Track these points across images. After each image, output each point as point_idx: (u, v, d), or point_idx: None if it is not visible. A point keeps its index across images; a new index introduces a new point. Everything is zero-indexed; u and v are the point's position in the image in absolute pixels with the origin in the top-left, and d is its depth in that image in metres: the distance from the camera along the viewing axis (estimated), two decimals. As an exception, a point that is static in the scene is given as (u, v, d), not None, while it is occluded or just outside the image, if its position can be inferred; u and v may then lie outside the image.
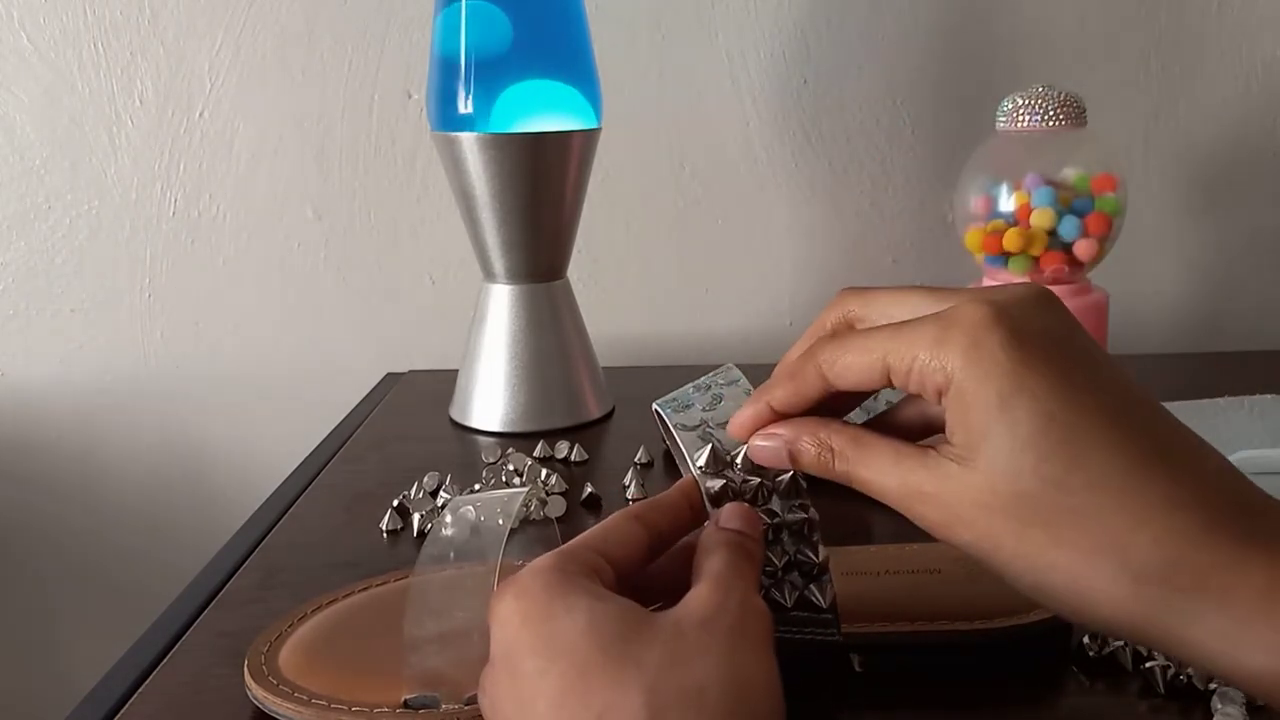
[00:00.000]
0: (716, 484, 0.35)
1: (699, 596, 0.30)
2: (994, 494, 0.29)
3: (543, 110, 0.65)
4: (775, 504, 0.36)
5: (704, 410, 0.38)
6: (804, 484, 0.36)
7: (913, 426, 0.35)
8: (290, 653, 0.40)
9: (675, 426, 0.37)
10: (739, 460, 0.36)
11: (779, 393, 0.34)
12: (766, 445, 0.35)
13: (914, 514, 0.31)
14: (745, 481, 0.35)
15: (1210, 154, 0.87)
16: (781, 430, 0.34)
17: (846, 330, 0.35)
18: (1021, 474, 0.28)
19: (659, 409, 0.39)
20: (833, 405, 0.35)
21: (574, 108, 0.66)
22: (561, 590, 0.30)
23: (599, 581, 0.31)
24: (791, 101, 0.86)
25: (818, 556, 0.36)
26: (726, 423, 0.37)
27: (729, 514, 0.35)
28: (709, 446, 0.36)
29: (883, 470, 0.32)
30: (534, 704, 0.28)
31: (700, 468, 0.36)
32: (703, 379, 0.40)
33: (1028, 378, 0.28)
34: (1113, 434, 0.28)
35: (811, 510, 0.36)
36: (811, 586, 0.36)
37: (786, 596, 0.35)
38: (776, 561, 0.35)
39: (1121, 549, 0.28)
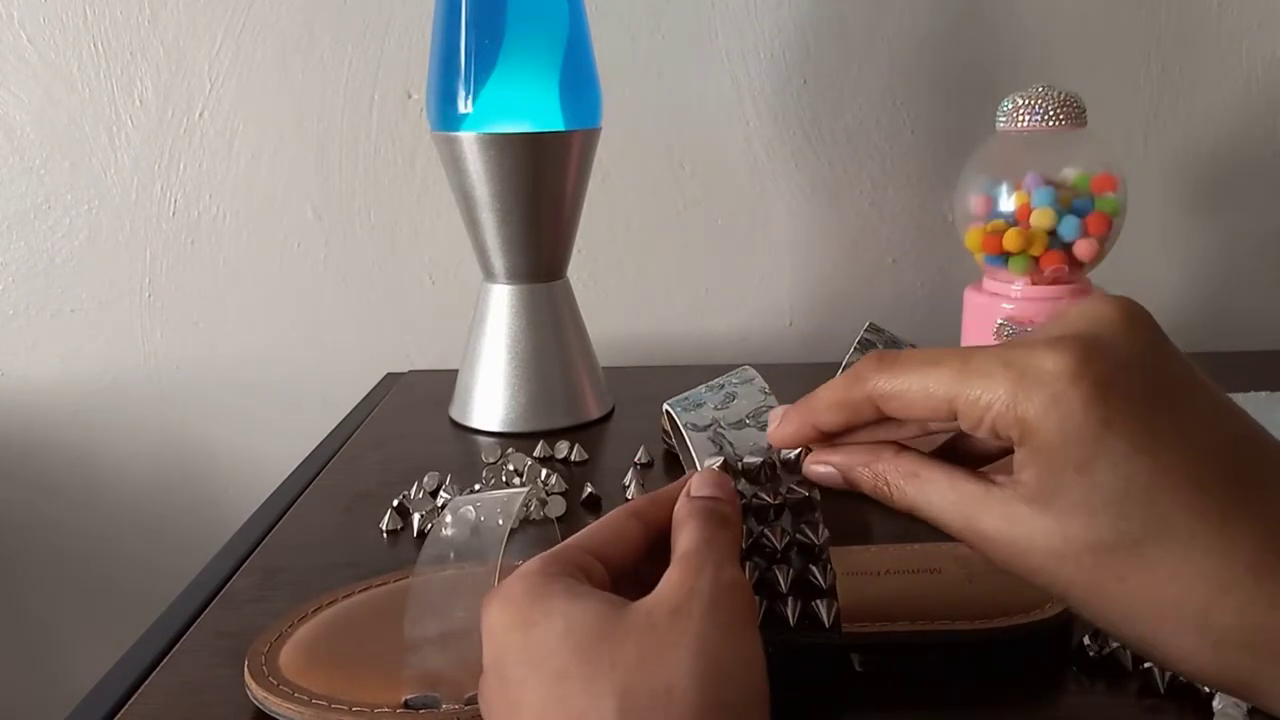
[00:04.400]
0: None
1: (670, 581, 0.30)
2: (1066, 543, 0.28)
3: (543, 110, 0.65)
4: (786, 521, 0.35)
5: (716, 409, 0.37)
6: (818, 499, 0.35)
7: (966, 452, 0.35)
8: (290, 653, 0.40)
9: (685, 426, 0.36)
10: (750, 470, 0.35)
11: (827, 418, 0.34)
12: (822, 471, 0.34)
13: (978, 549, 0.31)
14: (756, 496, 0.35)
15: (1210, 154, 0.87)
16: (835, 458, 0.34)
17: (892, 360, 0.32)
18: (1099, 530, 0.27)
19: (669, 408, 0.38)
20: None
21: (574, 108, 0.66)
22: (542, 594, 0.30)
23: (586, 579, 0.31)
24: (791, 101, 0.86)
25: (825, 578, 0.35)
26: (738, 422, 0.36)
27: (699, 482, 0.34)
28: (720, 458, 0.35)
29: (943, 509, 0.31)
30: (520, 712, 0.29)
31: None
32: (717, 379, 0.39)
33: (1108, 439, 0.27)
34: (1196, 495, 0.27)
35: (823, 530, 0.35)
36: (816, 603, 0.35)
37: (790, 613, 0.35)
38: (783, 580, 0.35)
39: (1202, 614, 0.27)
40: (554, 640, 0.29)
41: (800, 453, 0.35)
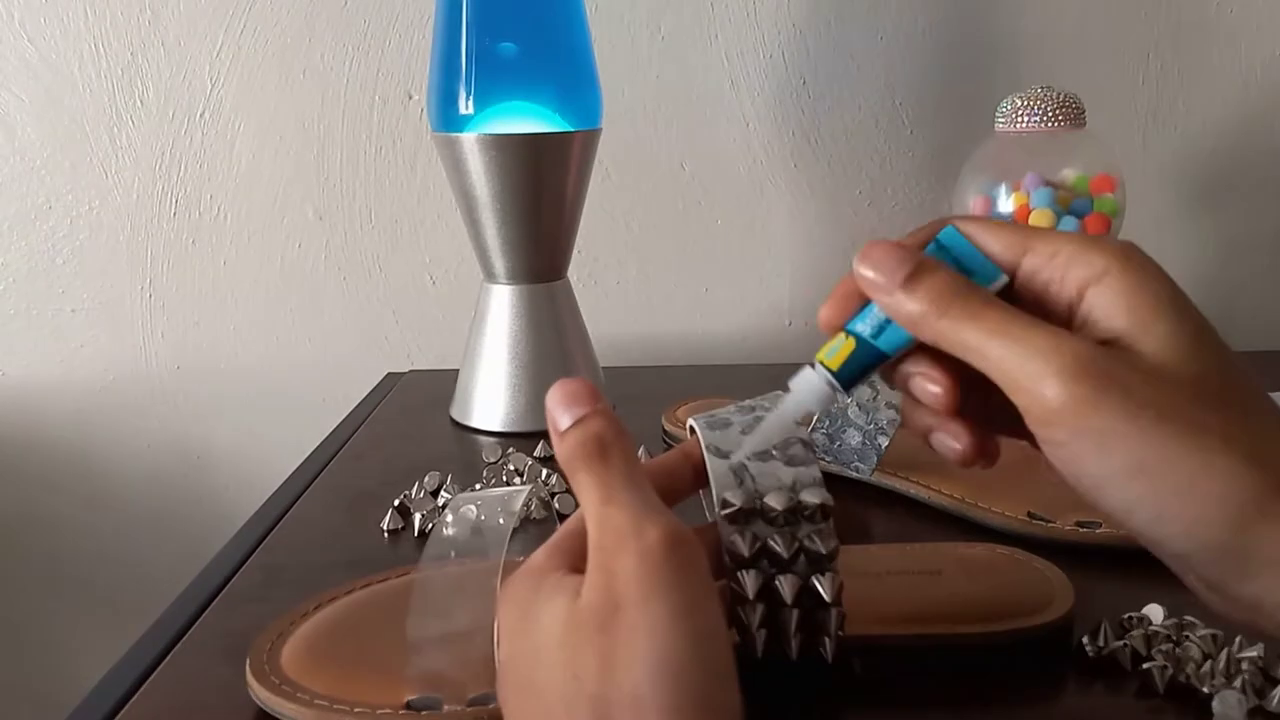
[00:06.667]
0: (739, 540, 0.33)
1: (595, 569, 0.28)
2: (1166, 371, 0.28)
3: (543, 111, 0.65)
4: (800, 568, 0.34)
5: (742, 432, 0.35)
6: (837, 548, 0.34)
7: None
8: (292, 651, 0.40)
9: (708, 448, 0.34)
10: (769, 514, 0.33)
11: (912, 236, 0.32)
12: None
13: (1050, 391, 0.27)
14: (772, 539, 0.33)
15: (1210, 154, 0.88)
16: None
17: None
18: (1196, 358, 0.28)
19: (694, 423, 0.36)
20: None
21: (574, 108, 0.66)
22: (531, 598, 0.30)
23: (582, 571, 0.30)
24: (791, 102, 0.86)
25: (833, 624, 0.34)
26: (764, 453, 0.34)
27: (557, 404, 0.33)
28: (738, 501, 0.33)
29: (1030, 330, 0.28)
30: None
31: (724, 515, 0.33)
32: (748, 401, 0.37)
33: (1181, 294, 0.29)
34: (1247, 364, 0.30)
35: (838, 580, 0.34)
36: (823, 638, 0.35)
37: (793, 648, 0.34)
38: (790, 620, 0.34)
39: (1259, 440, 0.28)
40: (534, 650, 0.29)
41: (825, 501, 0.34)
